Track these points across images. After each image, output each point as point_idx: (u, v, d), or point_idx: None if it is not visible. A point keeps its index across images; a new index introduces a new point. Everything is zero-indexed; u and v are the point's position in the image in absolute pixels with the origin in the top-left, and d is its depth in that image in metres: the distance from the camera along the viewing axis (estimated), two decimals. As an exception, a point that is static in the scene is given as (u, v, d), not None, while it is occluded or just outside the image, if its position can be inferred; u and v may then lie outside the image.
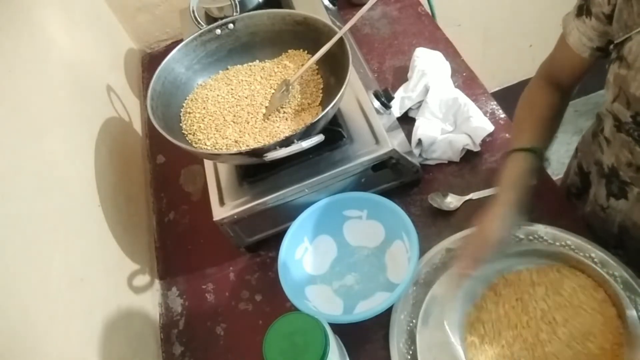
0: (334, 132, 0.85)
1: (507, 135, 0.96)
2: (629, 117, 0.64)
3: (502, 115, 0.99)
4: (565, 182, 0.98)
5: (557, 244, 0.75)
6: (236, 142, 0.83)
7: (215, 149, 0.83)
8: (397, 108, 1.02)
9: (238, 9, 0.96)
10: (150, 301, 0.92)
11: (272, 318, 0.64)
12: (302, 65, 0.87)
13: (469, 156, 0.95)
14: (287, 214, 0.86)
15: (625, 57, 0.61)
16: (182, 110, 0.90)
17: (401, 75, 1.09)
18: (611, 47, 0.65)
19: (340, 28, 0.82)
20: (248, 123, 0.85)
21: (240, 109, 0.87)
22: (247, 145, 0.81)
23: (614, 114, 0.68)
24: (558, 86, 0.78)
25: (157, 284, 0.96)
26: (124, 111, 1.17)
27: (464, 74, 1.08)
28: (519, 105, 0.80)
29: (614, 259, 0.72)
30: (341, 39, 0.81)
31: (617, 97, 0.65)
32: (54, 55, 0.96)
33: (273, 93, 0.88)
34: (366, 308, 0.79)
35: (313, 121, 0.74)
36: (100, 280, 0.81)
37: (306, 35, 0.90)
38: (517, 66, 1.96)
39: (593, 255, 0.73)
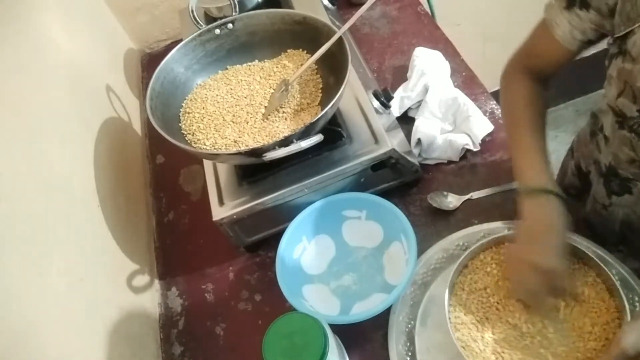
0: (333, 131, 0.85)
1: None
2: (636, 112, 0.63)
3: (502, 115, 0.99)
4: (563, 183, 0.97)
5: None
6: (235, 142, 0.83)
7: (215, 149, 0.83)
8: (396, 108, 1.01)
9: (237, 9, 0.96)
10: (149, 301, 0.92)
11: (271, 318, 0.64)
12: (302, 65, 0.87)
13: (468, 156, 0.95)
14: (287, 213, 0.86)
15: (629, 51, 0.60)
16: (181, 110, 0.90)
17: (401, 75, 1.09)
18: (610, 40, 0.64)
19: (339, 28, 0.82)
20: (247, 123, 0.85)
21: (239, 108, 0.87)
22: (246, 145, 0.81)
23: (618, 110, 0.66)
24: (539, 76, 0.76)
25: (156, 284, 0.96)
26: (124, 111, 1.17)
27: (464, 74, 1.08)
28: (509, 105, 0.78)
29: (611, 256, 0.72)
30: (340, 38, 0.81)
31: (623, 92, 0.63)
32: (54, 55, 0.96)
33: (272, 93, 0.88)
34: (363, 309, 0.79)
35: (312, 121, 0.74)
36: (100, 280, 0.81)
37: (305, 35, 0.90)
38: (516, 66, 1.95)
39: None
